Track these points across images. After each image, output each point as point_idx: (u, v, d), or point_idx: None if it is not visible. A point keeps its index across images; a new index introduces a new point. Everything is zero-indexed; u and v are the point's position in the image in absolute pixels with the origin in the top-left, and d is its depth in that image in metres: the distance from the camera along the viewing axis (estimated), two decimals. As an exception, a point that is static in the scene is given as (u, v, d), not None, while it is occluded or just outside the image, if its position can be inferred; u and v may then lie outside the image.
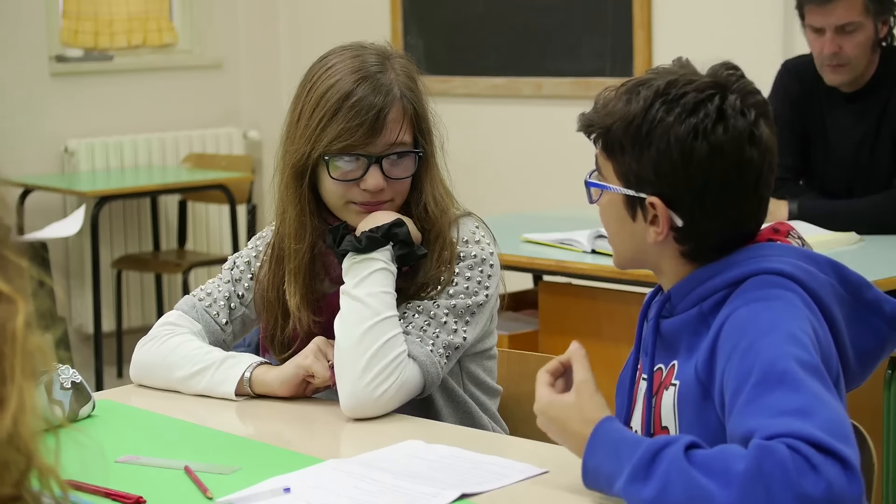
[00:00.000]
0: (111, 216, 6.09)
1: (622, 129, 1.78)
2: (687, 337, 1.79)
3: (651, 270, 1.87)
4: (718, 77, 1.78)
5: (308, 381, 2.21)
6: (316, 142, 2.21)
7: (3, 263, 1.05)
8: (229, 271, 2.39)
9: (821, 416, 1.54)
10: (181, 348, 2.29)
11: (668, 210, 1.77)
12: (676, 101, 1.75)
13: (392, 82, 2.23)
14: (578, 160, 5.52)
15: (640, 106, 1.77)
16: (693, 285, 1.79)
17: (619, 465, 1.63)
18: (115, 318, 6.07)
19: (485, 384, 2.35)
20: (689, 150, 1.74)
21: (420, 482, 1.81)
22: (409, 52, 6.47)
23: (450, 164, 2.37)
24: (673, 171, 1.75)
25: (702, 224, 1.77)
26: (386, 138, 2.21)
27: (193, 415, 2.20)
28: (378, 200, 2.24)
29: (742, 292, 1.73)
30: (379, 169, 2.22)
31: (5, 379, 1.03)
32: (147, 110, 6.31)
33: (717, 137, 1.74)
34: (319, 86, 2.23)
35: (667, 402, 1.80)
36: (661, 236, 1.79)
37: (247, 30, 6.61)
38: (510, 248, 3.69)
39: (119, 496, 1.80)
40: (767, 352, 1.62)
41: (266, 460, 1.97)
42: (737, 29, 4.91)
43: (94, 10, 6.26)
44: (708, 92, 1.75)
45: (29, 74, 5.95)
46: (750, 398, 1.59)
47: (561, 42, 5.50)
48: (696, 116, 1.74)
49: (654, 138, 1.75)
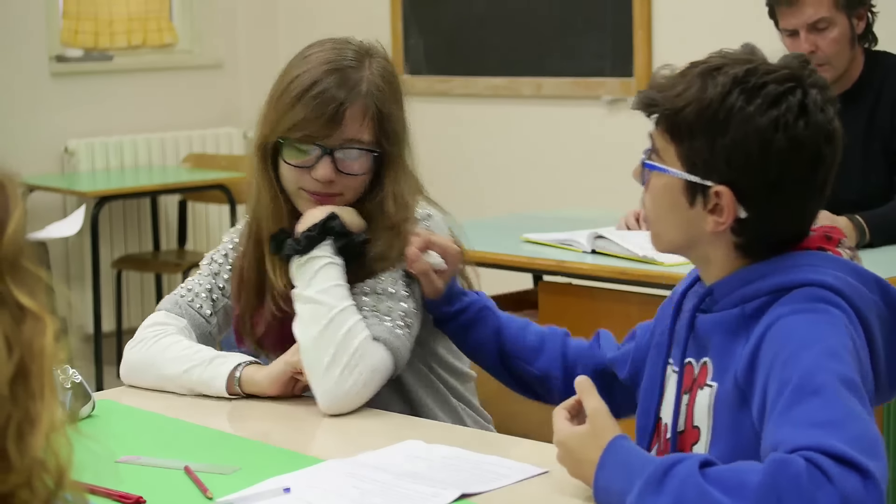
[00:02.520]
0: (111, 216, 6.09)
1: (695, 113, 1.73)
2: (722, 336, 1.76)
3: (693, 260, 1.84)
4: (794, 69, 1.74)
5: (297, 378, 2.22)
6: (277, 126, 2.24)
7: (25, 277, 1.05)
8: (208, 266, 2.41)
9: (850, 430, 1.52)
10: (171, 348, 2.30)
11: (735, 200, 1.73)
12: (757, 90, 1.71)
13: (362, 79, 2.23)
14: (579, 160, 5.53)
15: (718, 92, 1.71)
16: (739, 284, 1.76)
17: (630, 481, 1.61)
18: (115, 318, 6.07)
19: (453, 367, 2.35)
20: (767, 143, 1.70)
21: (420, 482, 1.81)
22: (409, 52, 6.49)
23: (450, 164, 2.38)
24: (747, 161, 1.71)
25: (766, 218, 1.74)
26: (343, 133, 2.22)
27: (194, 415, 2.20)
28: (328, 192, 2.25)
29: (788, 302, 1.70)
30: (331, 161, 2.23)
31: (35, 397, 1.03)
32: (147, 110, 6.31)
33: (798, 132, 1.70)
34: (292, 72, 2.25)
35: (701, 402, 1.78)
36: (723, 226, 1.74)
37: (246, 30, 6.61)
38: (510, 248, 3.70)
39: (119, 496, 1.80)
40: (807, 364, 1.60)
41: (266, 460, 1.97)
42: (737, 29, 4.90)
43: (94, 10, 6.26)
44: (788, 84, 1.71)
45: (29, 74, 5.95)
46: (783, 408, 1.58)
47: (561, 42, 5.50)
48: (778, 109, 1.70)
49: (731, 126, 1.70)
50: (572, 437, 1.73)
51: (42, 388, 1.03)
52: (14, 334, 1.02)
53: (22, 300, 1.03)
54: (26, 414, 1.02)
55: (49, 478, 1.03)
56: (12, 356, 1.02)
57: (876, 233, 3.44)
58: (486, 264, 3.66)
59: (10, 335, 1.02)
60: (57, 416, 1.04)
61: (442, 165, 5.87)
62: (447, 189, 6.06)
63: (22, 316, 1.03)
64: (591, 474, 1.69)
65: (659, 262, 3.36)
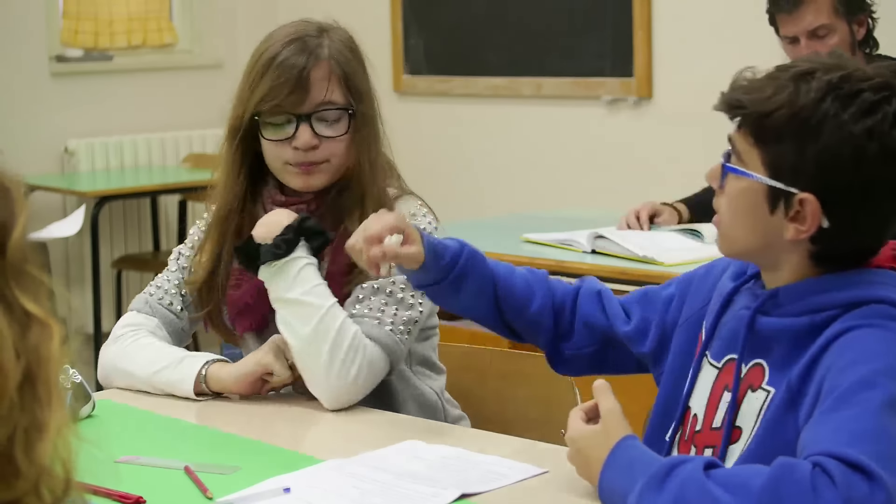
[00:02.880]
0: (111, 216, 6.09)
1: (786, 117, 1.68)
2: (787, 343, 1.72)
3: (760, 264, 1.80)
4: (887, 77, 1.70)
5: (265, 379, 2.22)
6: (248, 103, 2.28)
7: (30, 283, 1.04)
8: (175, 261, 2.43)
9: (876, 446, 1.50)
10: (144, 350, 2.32)
11: (820, 209, 1.69)
12: (852, 98, 1.67)
13: (321, 45, 2.29)
14: (579, 160, 5.52)
15: (812, 98, 1.66)
16: (808, 292, 1.72)
17: (633, 480, 1.60)
18: (114, 318, 6.06)
19: (429, 361, 2.39)
20: (860, 151, 1.66)
21: (420, 482, 1.81)
22: (409, 52, 6.49)
23: (450, 164, 2.39)
24: (838, 169, 1.66)
25: (847, 229, 1.70)
26: (313, 97, 2.27)
27: (194, 415, 2.20)
28: (313, 160, 2.28)
29: (856, 316, 1.67)
30: (309, 127, 2.27)
31: (42, 403, 1.03)
32: (147, 110, 6.31)
33: (892, 141, 1.67)
34: (258, 52, 2.31)
35: (752, 405, 1.74)
36: (804, 234, 1.70)
37: (247, 30, 6.61)
38: (510, 248, 3.70)
39: (119, 496, 1.80)
40: (860, 376, 1.58)
41: (266, 460, 1.97)
42: (737, 29, 4.91)
43: (94, 10, 6.26)
44: (883, 93, 1.68)
45: (29, 74, 5.95)
46: (824, 412, 1.57)
47: (561, 42, 5.50)
48: (874, 117, 1.66)
49: (823, 133, 1.66)
50: (583, 436, 1.74)
51: (49, 394, 1.03)
52: (21, 341, 1.02)
53: (28, 306, 1.03)
54: (34, 420, 1.02)
55: (56, 484, 1.03)
56: (20, 363, 1.01)
57: None
58: (486, 264, 3.66)
59: (17, 342, 1.02)
60: (64, 422, 1.04)
61: (442, 165, 5.87)
62: (447, 189, 6.07)
63: (28, 322, 1.03)
64: (598, 473, 1.69)
65: (659, 262, 3.36)
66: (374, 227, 1.95)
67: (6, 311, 1.02)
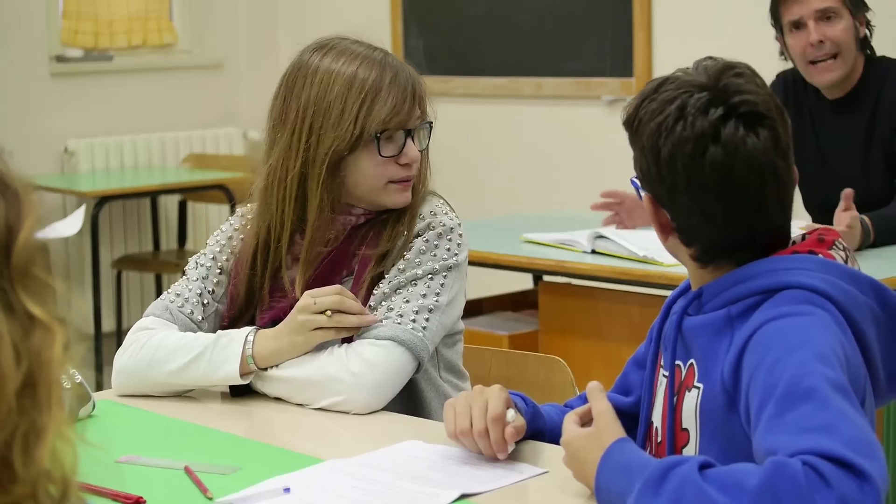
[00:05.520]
0: (111, 216, 6.09)
1: (626, 124, 1.82)
2: (707, 338, 1.77)
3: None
4: (694, 78, 1.76)
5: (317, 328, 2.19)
6: (367, 125, 2.25)
7: (35, 285, 1.04)
8: (194, 270, 2.37)
9: (845, 433, 1.52)
10: (167, 343, 2.25)
11: (657, 208, 1.79)
12: (655, 99, 1.76)
13: (397, 61, 2.32)
14: (579, 160, 5.53)
15: (633, 104, 1.80)
16: (725, 286, 1.76)
17: (630, 483, 1.61)
18: (114, 318, 6.08)
19: (456, 368, 2.38)
20: (656, 150, 1.75)
21: (420, 482, 1.81)
22: (409, 52, 6.49)
23: (450, 164, 2.40)
24: (649, 169, 1.77)
25: (690, 225, 1.77)
26: (420, 111, 2.31)
27: (194, 415, 2.20)
28: (411, 175, 2.32)
29: (772, 305, 1.70)
30: (412, 141, 2.31)
31: (42, 408, 1.02)
32: (147, 110, 6.31)
33: (675, 135, 1.73)
34: (336, 78, 2.27)
35: (688, 405, 1.78)
36: (660, 233, 1.80)
37: (246, 30, 6.61)
38: (510, 248, 3.70)
39: (119, 496, 1.80)
40: (794, 368, 1.60)
41: (266, 460, 1.97)
42: (737, 29, 4.91)
43: (94, 10, 6.26)
44: (679, 91, 1.75)
45: (29, 74, 5.95)
46: (774, 414, 1.58)
47: (561, 42, 5.50)
48: (662, 116, 1.75)
49: (640, 136, 1.78)
50: (577, 438, 1.74)
51: (49, 398, 1.03)
52: (23, 344, 1.01)
53: (31, 309, 1.02)
54: (33, 425, 1.01)
55: (54, 488, 1.03)
56: (20, 366, 1.01)
57: (881, 233, 3.45)
58: (486, 264, 3.66)
59: (18, 345, 1.01)
60: (63, 426, 1.03)
61: (442, 165, 5.86)
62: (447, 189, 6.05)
63: (31, 325, 1.02)
64: (593, 475, 1.69)
65: (659, 262, 3.36)
66: (498, 407, 1.88)
67: (8, 314, 1.01)
